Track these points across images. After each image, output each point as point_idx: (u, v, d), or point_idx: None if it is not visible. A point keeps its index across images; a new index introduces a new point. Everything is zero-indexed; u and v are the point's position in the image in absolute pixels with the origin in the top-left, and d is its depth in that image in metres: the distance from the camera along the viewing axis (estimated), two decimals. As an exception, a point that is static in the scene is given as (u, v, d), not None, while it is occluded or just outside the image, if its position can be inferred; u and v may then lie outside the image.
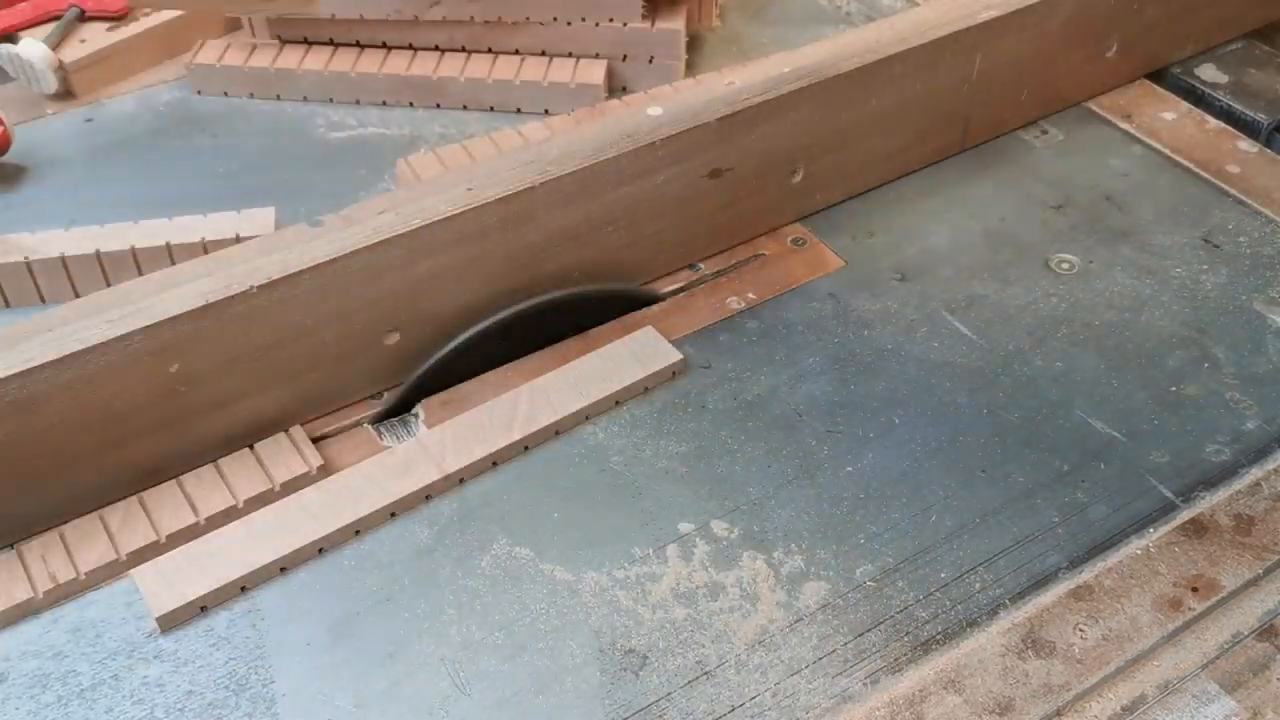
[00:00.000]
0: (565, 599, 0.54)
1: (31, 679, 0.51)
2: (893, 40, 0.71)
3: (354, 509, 0.56)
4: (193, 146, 0.84)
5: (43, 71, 0.85)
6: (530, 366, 0.65)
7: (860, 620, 0.53)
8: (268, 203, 0.74)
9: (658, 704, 0.50)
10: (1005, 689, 0.50)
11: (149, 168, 0.82)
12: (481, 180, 0.61)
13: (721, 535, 0.57)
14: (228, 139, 0.85)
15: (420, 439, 0.60)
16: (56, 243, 0.69)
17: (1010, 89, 0.79)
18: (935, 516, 0.58)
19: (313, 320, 0.58)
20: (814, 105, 0.69)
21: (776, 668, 0.51)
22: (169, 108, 0.88)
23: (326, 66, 0.87)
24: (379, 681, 0.51)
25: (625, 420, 0.62)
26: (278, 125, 0.86)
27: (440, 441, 0.59)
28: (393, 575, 0.55)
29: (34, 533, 0.56)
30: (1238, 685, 0.51)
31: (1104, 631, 0.52)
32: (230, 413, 0.58)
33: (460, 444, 0.59)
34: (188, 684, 0.51)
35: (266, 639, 0.53)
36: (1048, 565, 0.55)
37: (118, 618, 0.53)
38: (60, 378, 0.52)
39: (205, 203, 0.79)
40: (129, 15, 0.91)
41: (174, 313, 0.54)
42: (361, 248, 0.57)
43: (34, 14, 0.90)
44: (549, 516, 0.58)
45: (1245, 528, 0.56)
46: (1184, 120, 0.84)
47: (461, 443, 0.59)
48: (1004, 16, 0.74)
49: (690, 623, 0.53)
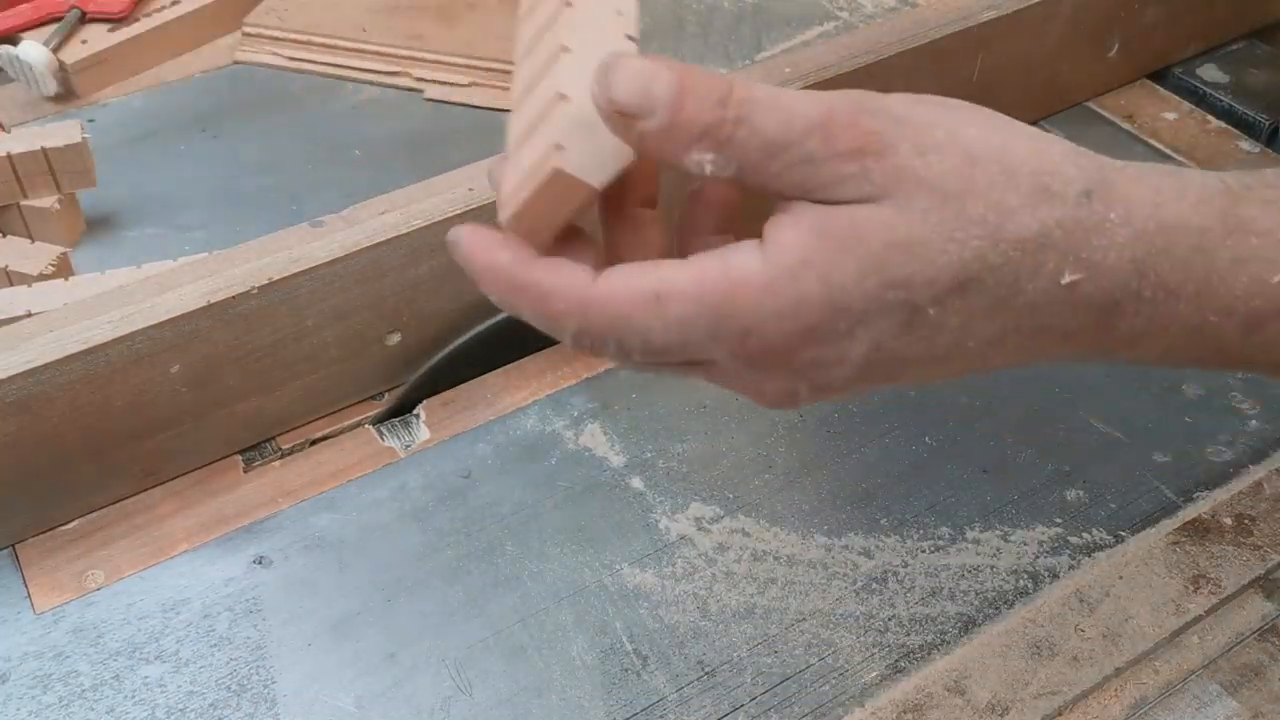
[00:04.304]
0: (567, 598, 0.54)
1: (33, 679, 0.51)
2: (893, 41, 0.71)
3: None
4: (194, 147, 0.84)
5: (42, 74, 0.85)
6: (532, 367, 0.65)
7: (860, 621, 0.53)
8: (272, 204, 0.74)
9: (659, 704, 0.50)
10: (1005, 690, 0.50)
11: (150, 169, 0.82)
12: (483, 180, 0.61)
13: (723, 535, 0.57)
14: (230, 140, 0.85)
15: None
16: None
17: (1011, 89, 0.79)
18: (935, 515, 0.58)
19: (314, 321, 0.58)
20: (815, 105, 0.69)
21: (777, 668, 0.51)
22: (171, 109, 0.88)
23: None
24: (380, 681, 0.51)
25: (627, 419, 0.62)
26: (280, 125, 0.86)
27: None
28: (393, 575, 0.55)
29: (34, 533, 0.56)
30: (1239, 686, 0.51)
31: (1104, 631, 0.52)
32: (231, 413, 0.59)
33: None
34: (189, 684, 0.51)
35: (268, 639, 0.53)
36: (1048, 565, 0.55)
37: (119, 618, 0.53)
38: (61, 378, 0.52)
39: (207, 203, 0.79)
40: (130, 17, 0.91)
41: (175, 313, 0.54)
42: (363, 248, 0.57)
43: (35, 15, 0.90)
44: (550, 516, 0.58)
45: (1246, 528, 0.56)
46: (1185, 120, 0.84)
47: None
48: (1005, 16, 0.74)
49: (692, 623, 0.53)
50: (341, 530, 0.57)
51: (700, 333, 0.34)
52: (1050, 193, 0.34)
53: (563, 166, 0.33)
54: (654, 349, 0.35)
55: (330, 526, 0.57)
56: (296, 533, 0.57)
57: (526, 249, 0.35)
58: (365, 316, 0.60)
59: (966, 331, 0.35)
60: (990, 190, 0.34)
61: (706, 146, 0.33)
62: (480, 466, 0.60)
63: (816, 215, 0.34)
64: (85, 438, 0.55)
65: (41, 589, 0.54)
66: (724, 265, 0.34)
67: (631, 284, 0.34)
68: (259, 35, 0.92)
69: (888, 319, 0.34)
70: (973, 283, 0.34)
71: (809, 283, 0.33)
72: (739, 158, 0.33)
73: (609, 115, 0.33)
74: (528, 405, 0.63)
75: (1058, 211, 0.34)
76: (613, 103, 0.33)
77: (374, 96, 0.89)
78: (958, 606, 0.54)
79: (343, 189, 0.70)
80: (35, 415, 0.52)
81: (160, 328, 0.54)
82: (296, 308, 0.57)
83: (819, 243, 0.33)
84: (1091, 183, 0.35)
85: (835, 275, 0.33)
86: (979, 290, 0.34)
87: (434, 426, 0.62)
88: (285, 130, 0.86)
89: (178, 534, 0.57)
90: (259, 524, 0.57)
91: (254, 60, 0.92)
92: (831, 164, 0.33)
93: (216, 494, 0.59)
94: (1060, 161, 0.35)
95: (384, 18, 0.92)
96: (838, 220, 0.33)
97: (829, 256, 0.33)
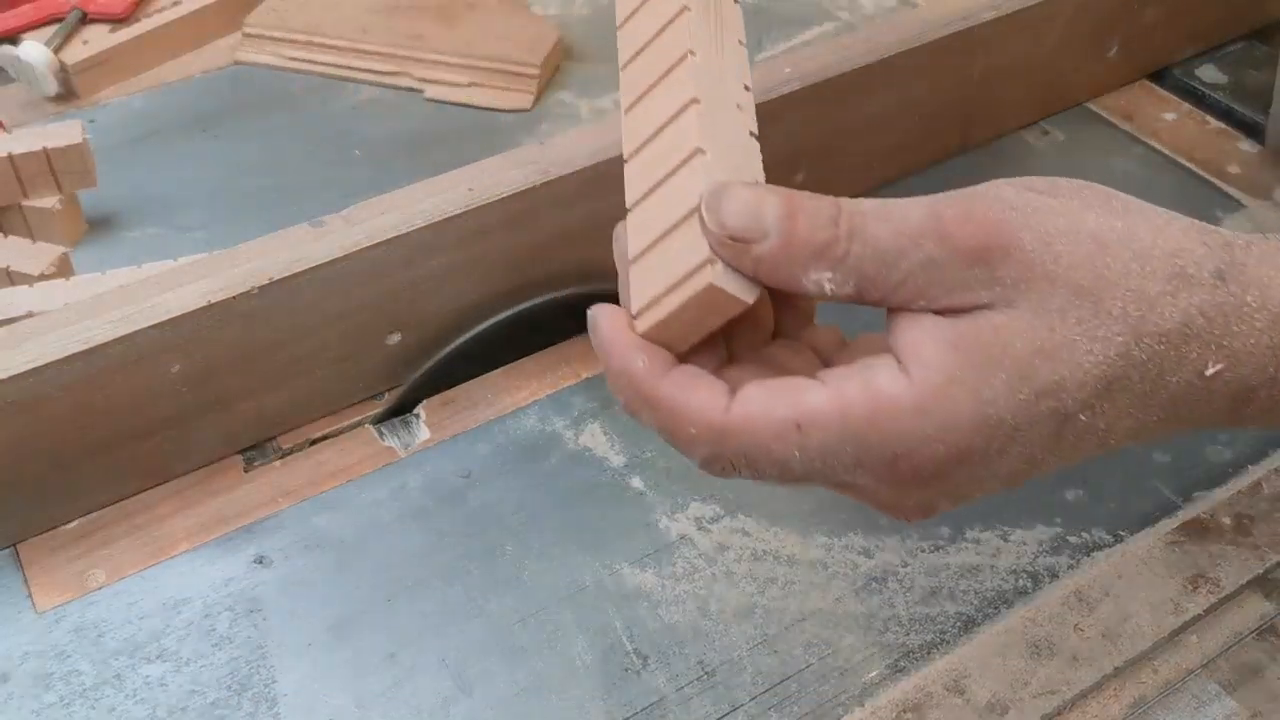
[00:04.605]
0: (567, 598, 0.54)
1: (34, 678, 0.51)
2: (893, 41, 0.71)
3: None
4: (194, 147, 0.84)
5: (42, 74, 0.85)
6: (532, 367, 0.65)
7: (860, 620, 0.53)
8: (272, 204, 0.74)
9: (659, 704, 0.50)
10: (1005, 689, 0.50)
11: (150, 169, 0.82)
12: (483, 180, 0.61)
13: (723, 535, 0.57)
14: (230, 140, 0.85)
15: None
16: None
17: (1011, 90, 0.79)
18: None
19: (314, 320, 0.58)
20: (815, 106, 0.69)
21: (777, 668, 0.51)
22: (171, 109, 0.88)
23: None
24: (380, 681, 0.51)
25: (627, 419, 0.62)
26: (280, 125, 0.86)
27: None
28: (393, 575, 0.55)
29: (35, 532, 0.56)
30: (1238, 685, 0.51)
31: (1103, 631, 0.52)
32: (231, 413, 0.59)
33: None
34: (190, 683, 0.51)
35: (268, 639, 0.53)
36: (1048, 564, 0.55)
37: (120, 617, 0.53)
38: (62, 378, 0.52)
39: (207, 203, 0.79)
40: (131, 17, 0.91)
41: (176, 313, 0.54)
42: (363, 248, 0.58)
43: (36, 16, 0.90)
44: (550, 516, 0.58)
45: (1246, 527, 0.56)
46: (1185, 121, 0.84)
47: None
48: (1004, 17, 0.74)
49: (692, 623, 0.53)
50: (341, 530, 0.57)
51: (845, 460, 0.33)
52: (1186, 276, 0.32)
53: (717, 283, 0.32)
54: (792, 476, 0.34)
55: (330, 526, 0.57)
56: (296, 533, 0.57)
57: (662, 358, 0.34)
58: (365, 316, 0.60)
59: (1110, 432, 0.33)
60: (1126, 279, 0.32)
61: (824, 266, 0.32)
62: (480, 466, 0.60)
63: (952, 328, 0.32)
64: (86, 437, 0.55)
65: (43, 588, 0.54)
66: (867, 389, 0.32)
67: (770, 412, 0.33)
68: (259, 35, 0.92)
69: (1039, 429, 0.32)
70: (1118, 382, 0.32)
71: (960, 401, 0.32)
72: (857, 273, 0.32)
73: (721, 242, 0.32)
74: (528, 405, 0.63)
75: (1197, 297, 0.32)
76: (725, 229, 0.32)
77: (374, 96, 0.89)
78: (957, 606, 0.54)
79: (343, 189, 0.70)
80: (36, 415, 0.52)
81: (160, 328, 0.54)
82: (296, 308, 0.57)
83: (964, 357, 0.32)
84: (1221, 262, 0.33)
85: (985, 391, 0.32)
86: (1124, 389, 0.32)
87: (434, 426, 0.62)
88: (285, 130, 0.86)
89: (178, 534, 0.57)
90: (259, 524, 0.57)
91: (254, 60, 0.92)
92: (954, 267, 0.32)
93: (217, 494, 0.59)
94: (1186, 239, 0.33)
95: (384, 18, 0.92)
96: (977, 331, 0.32)
97: (977, 372, 0.32)
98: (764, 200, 0.32)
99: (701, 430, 0.33)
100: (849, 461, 0.33)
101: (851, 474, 0.33)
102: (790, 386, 0.33)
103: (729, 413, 0.33)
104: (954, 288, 0.32)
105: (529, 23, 0.92)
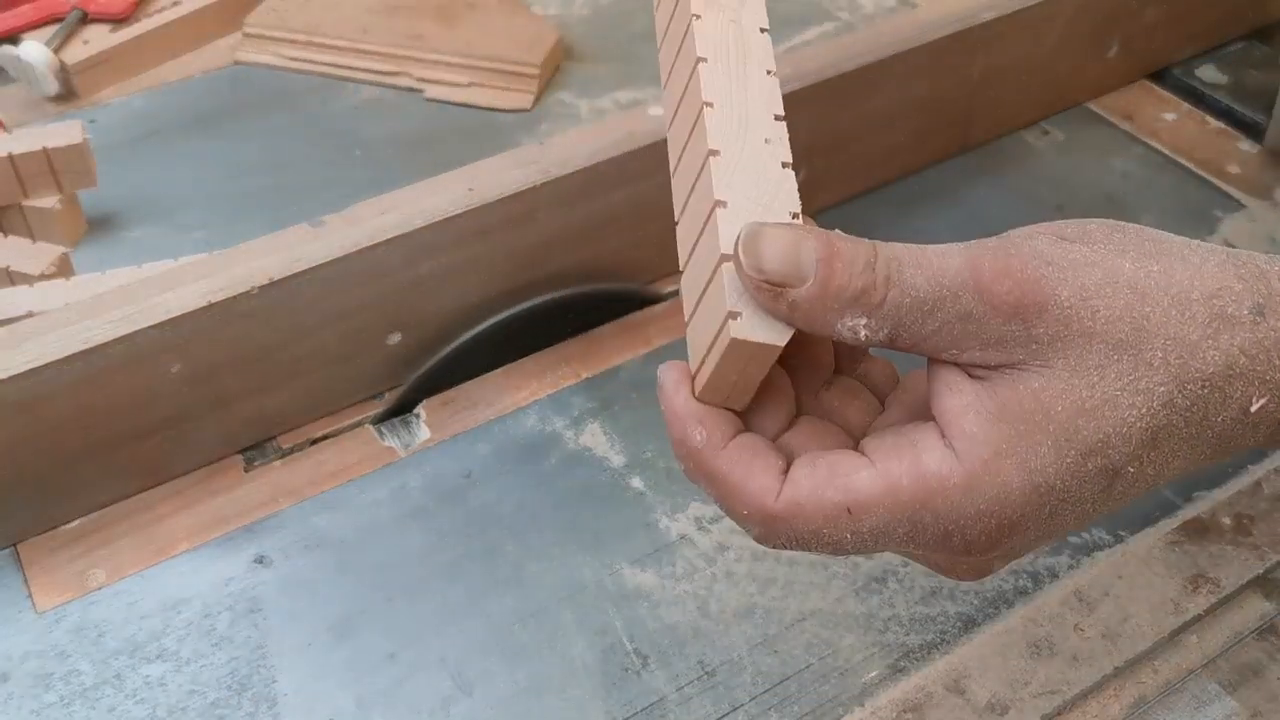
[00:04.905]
0: (567, 598, 0.54)
1: (34, 678, 0.51)
2: (893, 40, 0.71)
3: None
4: (194, 147, 0.84)
5: (43, 74, 0.85)
6: (532, 367, 0.65)
7: (860, 620, 0.53)
8: (272, 204, 0.74)
9: (659, 704, 0.50)
10: (1005, 689, 0.50)
11: (150, 168, 0.82)
12: (483, 180, 0.61)
13: (723, 535, 0.57)
14: (230, 140, 0.85)
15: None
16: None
17: (1011, 89, 0.79)
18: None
19: (314, 320, 0.58)
20: (815, 106, 0.69)
21: (777, 668, 0.51)
22: (172, 109, 0.88)
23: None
24: (380, 681, 0.51)
25: (627, 419, 0.62)
26: (280, 125, 0.86)
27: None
28: (393, 575, 0.55)
29: (35, 532, 0.56)
30: (1238, 685, 0.51)
31: (1103, 631, 0.52)
32: (231, 413, 0.59)
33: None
34: (190, 683, 0.51)
35: (268, 639, 0.53)
36: (1048, 564, 0.55)
37: (120, 617, 0.53)
38: (62, 378, 0.52)
39: (207, 203, 0.79)
40: (131, 18, 0.91)
41: (176, 313, 0.54)
42: (363, 248, 0.58)
43: (36, 16, 0.90)
44: (550, 516, 0.58)
45: (1245, 527, 0.56)
46: (1184, 120, 0.84)
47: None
48: (1005, 17, 0.74)
49: (692, 623, 0.53)
50: (341, 530, 0.57)
51: (897, 536, 0.33)
52: (1226, 317, 0.32)
53: (739, 335, 0.32)
54: (845, 552, 0.34)
55: (330, 526, 0.57)
56: (296, 532, 0.57)
57: (721, 427, 0.34)
58: (365, 316, 0.60)
59: (1159, 476, 0.34)
60: (1166, 327, 0.32)
61: (859, 312, 0.32)
62: (480, 466, 0.60)
63: (993, 398, 0.32)
64: (86, 437, 0.55)
65: (43, 588, 0.54)
66: (916, 470, 0.32)
67: (820, 496, 0.33)
68: (259, 36, 0.92)
69: (1089, 487, 0.32)
70: (1164, 430, 0.32)
71: (1009, 474, 0.32)
72: (893, 320, 0.32)
73: (757, 286, 0.32)
74: (528, 405, 0.63)
75: (1239, 337, 0.32)
76: (762, 272, 0.32)
77: (374, 96, 0.89)
78: (957, 606, 0.54)
79: (343, 189, 0.70)
80: (36, 415, 0.52)
81: (160, 328, 0.54)
82: (296, 308, 0.57)
83: (1008, 428, 0.32)
84: (1259, 295, 0.33)
85: (1033, 460, 0.32)
86: (1169, 436, 0.32)
87: (434, 426, 0.62)
88: (285, 130, 0.86)
89: (178, 533, 0.57)
90: (259, 524, 0.57)
91: (254, 60, 0.92)
92: (991, 323, 0.32)
93: (217, 494, 0.59)
94: (1223, 276, 0.33)
95: (384, 18, 0.92)
96: (1019, 398, 0.32)
97: (1023, 441, 0.32)
98: (802, 243, 0.32)
99: (753, 512, 0.33)
100: (902, 537, 0.33)
101: (904, 546, 0.34)
102: (839, 469, 0.33)
103: (780, 499, 0.33)
104: (989, 343, 0.32)
105: (529, 23, 0.92)
